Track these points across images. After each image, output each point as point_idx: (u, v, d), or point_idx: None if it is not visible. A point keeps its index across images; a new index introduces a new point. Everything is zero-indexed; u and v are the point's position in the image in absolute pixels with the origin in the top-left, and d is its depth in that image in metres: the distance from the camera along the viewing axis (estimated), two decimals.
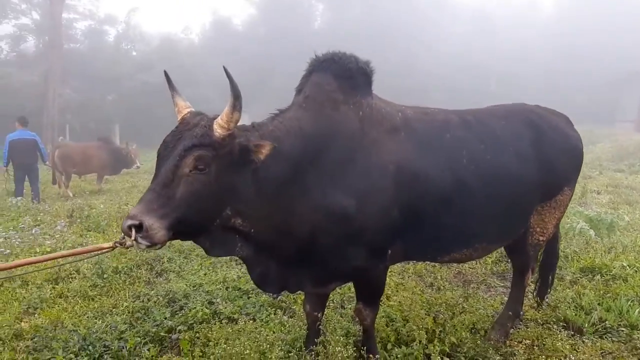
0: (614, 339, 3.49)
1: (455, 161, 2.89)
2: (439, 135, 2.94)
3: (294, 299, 4.18)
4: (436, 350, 2.98)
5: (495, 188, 2.99)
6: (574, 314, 3.78)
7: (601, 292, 4.32)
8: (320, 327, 3.20)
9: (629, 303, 3.97)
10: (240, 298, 4.21)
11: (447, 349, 3.14)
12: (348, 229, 2.65)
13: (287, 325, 3.64)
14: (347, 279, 3.02)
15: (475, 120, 3.12)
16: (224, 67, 2.33)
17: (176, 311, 4.11)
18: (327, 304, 3.48)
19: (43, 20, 26.41)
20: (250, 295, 4.27)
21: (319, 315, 3.20)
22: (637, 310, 3.85)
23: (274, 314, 3.83)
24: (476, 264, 5.16)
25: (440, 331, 3.27)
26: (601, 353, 3.27)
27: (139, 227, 2.17)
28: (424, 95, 30.69)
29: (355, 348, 3.08)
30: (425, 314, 3.53)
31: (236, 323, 3.61)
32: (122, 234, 2.25)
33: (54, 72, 24.55)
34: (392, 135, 2.80)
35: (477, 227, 3.05)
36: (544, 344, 3.34)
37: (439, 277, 4.80)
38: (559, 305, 3.96)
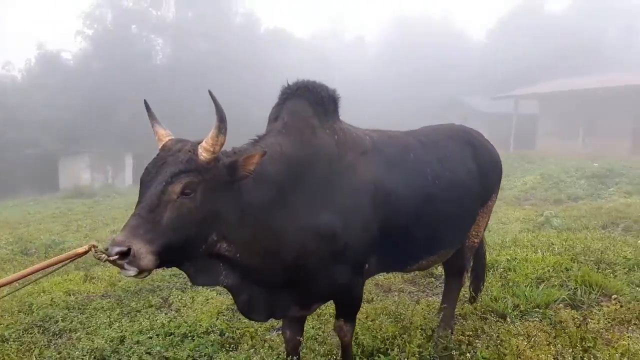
0: (534, 319, 4.04)
1: (422, 178, 3.20)
2: (404, 156, 3.23)
3: (239, 332, 4.05)
4: (413, 354, 3.18)
5: (454, 199, 3.37)
6: (493, 303, 4.31)
7: (500, 283, 4.97)
8: (300, 351, 3.19)
9: (528, 288, 4.65)
10: (182, 342, 3.94)
11: (417, 352, 3.35)
12: (334, 247, 2.77)
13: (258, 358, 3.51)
14: (330, 298, 3.10)
15: (429, 141, 3.49)
16: (209, 91, 2.36)
17: None
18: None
19: None
20: (192, 337, 4.02)
21: (300, 339, 3.19)
22: (536, 292, 4.53)
23: (235, 350, 3.67)
24: (389, 275, 5.53)
25: (404, 336, 3.49)
26: (531, 331, 3.75)
27: (126, 254, 2.12)
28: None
29: None
30: (379, 323, 3.73)
31: None
32: (98, 250, 2.22)
33: None
34: (365, 157, 3.01)
35: (442, 235, 3.42)
36: (484, 332, 3.75)
37: (365, 290, 5.03)
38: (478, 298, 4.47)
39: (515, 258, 5.71)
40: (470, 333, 3.76)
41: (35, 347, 4.32)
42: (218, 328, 4.12)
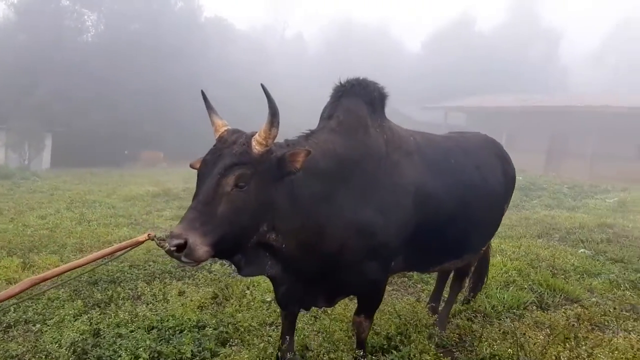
0: (508, 319, 4.27)
1: (460, 184, 3.29)
2: (446, 161, 3.32)
3: (231, 327, 3.94)
4: (430, 350, 3.27)
5: (486, 207, 3.53)
6: (473, 304, 4.52)
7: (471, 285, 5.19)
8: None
9: (498, 291, 4.92)
10: (172, 337, 3.75)
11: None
12: (371, 243, 2.83)
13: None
14: (356, 292, 3.15)
15: (467, 148, 3.61)
16: (262, 85, 2.39)
17: None
18: None
19: None
20: (181, 331, 3.84)
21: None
22: (507, 295, 4.80)
23: (236, 345, 3.56)
24: None
25: (407, 334, 3.57)
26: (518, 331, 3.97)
27: (183, 246, 2.18)
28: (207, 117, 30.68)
29: None
30: (379, 322, 3.79)
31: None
32: (159, 238, 2.32)
33: None
34: (409, 158, 3.07)
35: (470, 240, 3.56)
36: (472, 331, 3.93)
37: None
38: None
39: None
40: (460, 332, 3.93)
41: None
42: (210, 322, 3.98)
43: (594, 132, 23.39)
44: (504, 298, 4.71)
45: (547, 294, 4.90)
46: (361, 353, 3.12)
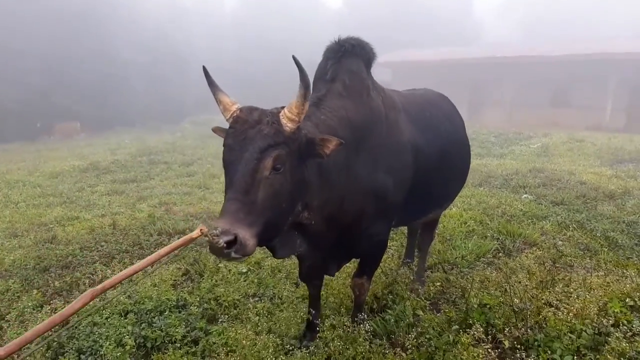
0: (479, 268, 4.48)
1: (439, 136, 3.33)
2: (424, 115, 3.32)
3: (214, 303, 3.80)
4: (419, 306, 3.34)
5: (461, 155, 3.63)
6: (442, 255, 4.67)
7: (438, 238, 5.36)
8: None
9: (462, 241, 5.11)
10: (154, 319, 3.55)
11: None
12: (383, 205, 2.85)
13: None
14: (363, 255, 3.13)
15: (434, 102, 3.65)
16: (293, 57, 2.22)
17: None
18: None
19: None
20: (161, 312, 3.65)
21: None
22: (470, 244, 5.00)
23: (227, 321, 3.43)
24: None
25: (396, 291, 3.63)
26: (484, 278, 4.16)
27: (233, 242, 2.02)
28: (125, 83, 28.93)
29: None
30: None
31: (196, 343, 3.12)
32: (211, 234, 2.03)
33: None
34: (400, 116, 3.04)
35: (450, 188, 3.67)
36: (449, 280, 4.07)
37: None
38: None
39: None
40: (442, 284, 4.05)
41: None
42: (190, 300, 3.82)
43: (510, 82, 24.64)
44: (469, 248, 4.90)
45: (508, 240, 5.17)
46: (363, 315, 3.15)
